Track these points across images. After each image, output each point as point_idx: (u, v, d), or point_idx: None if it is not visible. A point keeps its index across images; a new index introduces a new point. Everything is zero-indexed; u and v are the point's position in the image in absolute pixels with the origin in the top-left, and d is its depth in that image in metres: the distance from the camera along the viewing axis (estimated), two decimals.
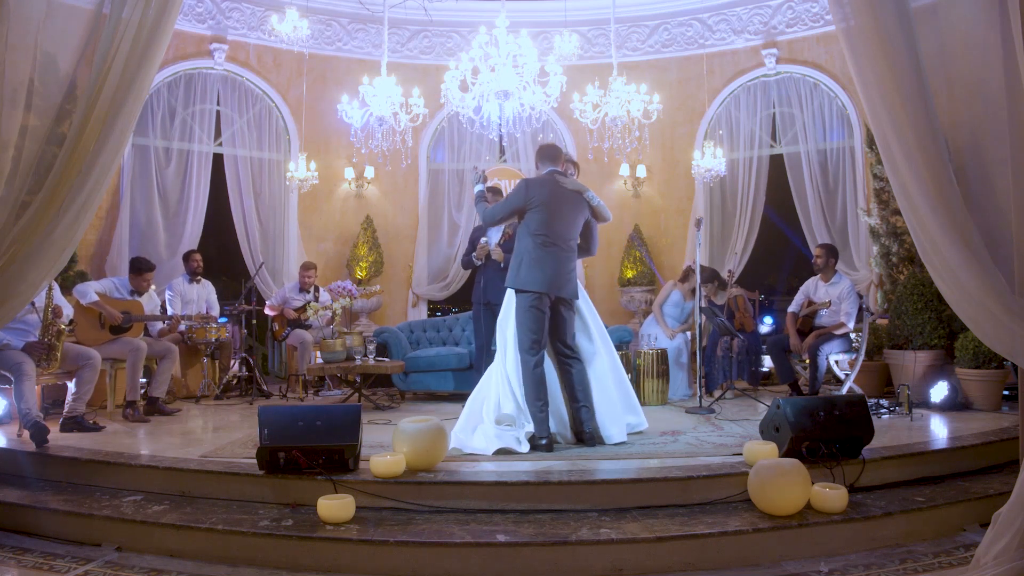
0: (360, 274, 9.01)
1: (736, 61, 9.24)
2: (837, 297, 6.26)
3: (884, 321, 6.71)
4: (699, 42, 9.32)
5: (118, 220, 8.18)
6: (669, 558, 3.09)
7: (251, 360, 7.08)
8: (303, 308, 7.27)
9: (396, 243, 9.49)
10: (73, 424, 4.92)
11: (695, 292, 6.43)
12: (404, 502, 3.50)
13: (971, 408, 5.60)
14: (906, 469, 3.89)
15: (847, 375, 5.97)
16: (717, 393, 6.61)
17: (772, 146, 9.17)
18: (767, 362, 7.39)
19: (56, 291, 5.08)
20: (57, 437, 4.62)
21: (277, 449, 3.59)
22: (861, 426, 3.80)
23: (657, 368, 6.30)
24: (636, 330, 7.56)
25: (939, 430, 4.81)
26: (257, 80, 9.05)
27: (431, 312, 9.96)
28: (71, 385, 5.05)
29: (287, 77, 9.17)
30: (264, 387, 7.12)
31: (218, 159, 8.89)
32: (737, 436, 4.61)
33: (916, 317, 6.19)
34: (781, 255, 12.17)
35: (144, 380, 5.95)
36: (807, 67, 8.88)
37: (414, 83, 7.39)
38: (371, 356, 6.52)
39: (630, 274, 9.08)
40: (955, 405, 5.58)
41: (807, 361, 6.31)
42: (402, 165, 8.74)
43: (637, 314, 8.99)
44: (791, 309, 6.58)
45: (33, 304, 4.77)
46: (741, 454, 3.86)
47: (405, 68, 9.12)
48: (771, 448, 3.77)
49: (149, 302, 6.12)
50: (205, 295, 7.15)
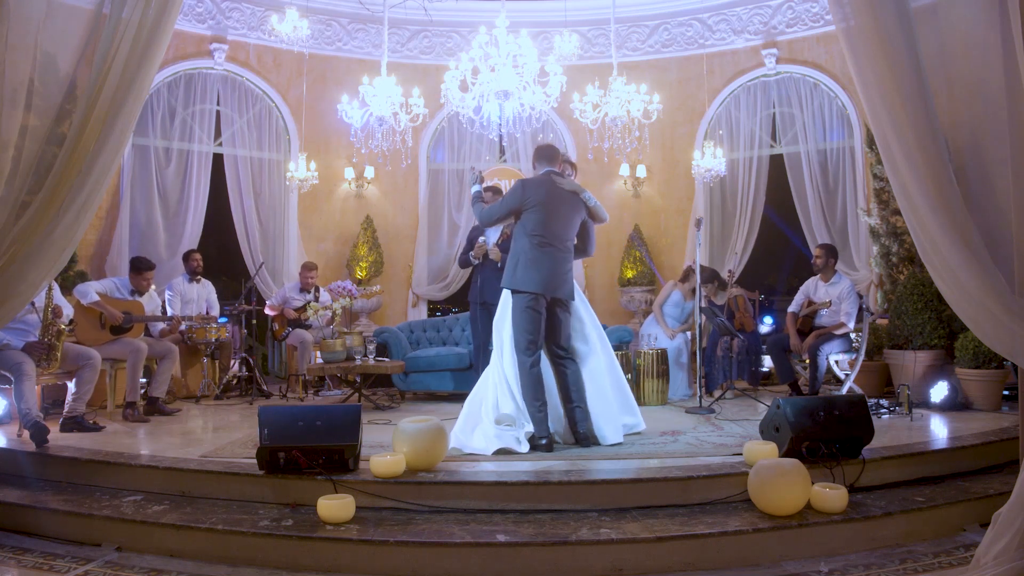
0: (360, 274, 9.01)
1: (736, 61, 9.24)
2: (837, 297, 6.27)
3: (884, 321, 6.71)
4: (699, 42, 9.32)
5: (118, 220, 8.17)
6: (669, 558, 3.09)
7: (251, 360, 7.08)
8: (303, 308, 7.27)
9: (396, 243, 9.48)
10: (73, 424, 4.92)
11: (695, 292, 6.43)
12: (404, 502, 3.50)
13: (971, 408, 5.60)
14: (906, 469, 3.89)
15: (847, 375, 5.96)
16: (717, 393, 6.61)
17: (772, 146, 9.17)
18: (767, 362, 7.39)
19: (56, 291, 5.08)
20: (57, 437, 4.62)
21: (277, 449, 3.59)
22: (861, 426, 3.80)
23: (657, 368, 6.30)
24: (636, 330, 7.56)
25: (939, 430, 4.81)
26: (257, 80, 9.05)
27: (431, 312, 9.95)
28: (71, 385, 5.05)
29: (287, 77, 9.17)
30: (264, 387, 7.12)
31: (218, 159, 8.89)
32: (737, 436, 4.60)
33: (916, 317, 6.19)
34: (781, 255, 12.17)
35: (144, 380, 5.94)
36: (807, 67, 8.87)
37: (414, 83, 7.39)
38: (371, 356, 6.52)
39: (630, 274, 9.08)
40: (955, 405, 5.58)
41: (807, 361, 6.31)
42: (402, 165, 8.74)
43: (637, 314, 9.00)
44: (791, 309, 6.58)
45: (33, 304, 4.77)
46: (741, 454, 3.86)
47: (405, 68, 9.11)
48: (771, 448, 3.77)
49: (150, 302, 6.11)
50: (205, 295, 7.16)
